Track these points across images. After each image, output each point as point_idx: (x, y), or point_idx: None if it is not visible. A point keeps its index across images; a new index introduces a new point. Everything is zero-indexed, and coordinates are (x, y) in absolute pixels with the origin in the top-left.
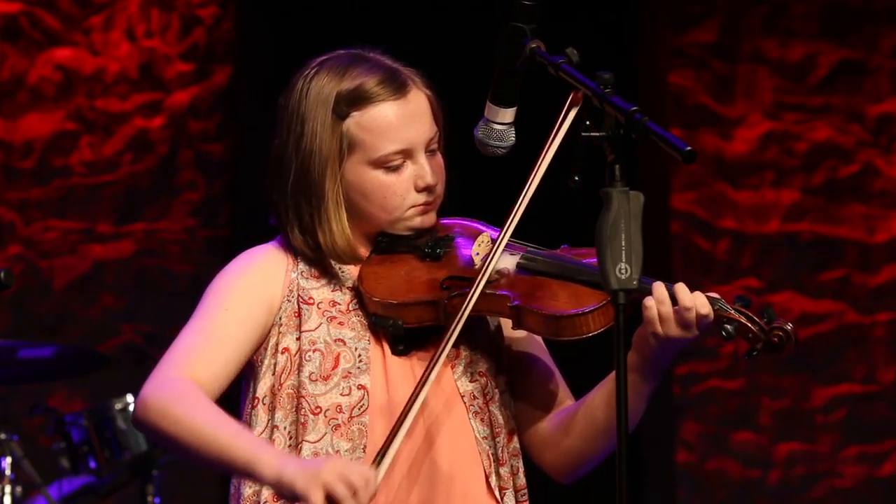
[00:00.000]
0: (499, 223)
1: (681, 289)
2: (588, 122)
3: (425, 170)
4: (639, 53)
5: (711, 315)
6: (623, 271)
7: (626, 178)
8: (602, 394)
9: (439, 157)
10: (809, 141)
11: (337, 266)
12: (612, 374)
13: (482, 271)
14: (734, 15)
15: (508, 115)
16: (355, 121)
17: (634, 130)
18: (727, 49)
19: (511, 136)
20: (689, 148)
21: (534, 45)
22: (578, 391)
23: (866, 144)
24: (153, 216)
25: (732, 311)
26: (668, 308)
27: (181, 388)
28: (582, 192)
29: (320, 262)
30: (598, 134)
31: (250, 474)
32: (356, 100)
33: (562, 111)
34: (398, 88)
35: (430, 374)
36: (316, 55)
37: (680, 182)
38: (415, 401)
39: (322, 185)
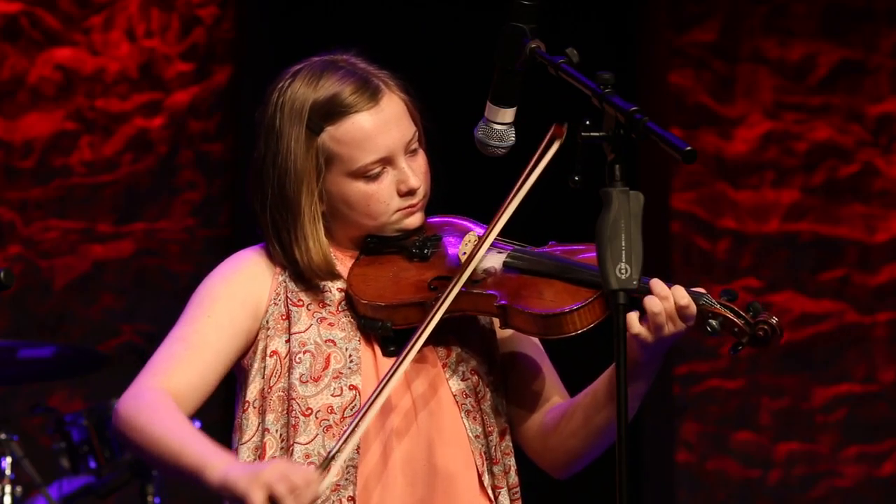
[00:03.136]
0: (489, 222)
1: (655, 283)
2: (588, 122)
3: (406, 174)
4: (639, 53)
5: (692, 306)
6: (623, 271)
7: (626, 178)
8: (596, 392)
9: (421, 156)
10: (809, 141)
11: (319, 282)
12: (607, 373)
13: (462, 270)
14: (734, 15)
15: (508, 115)
16: (330, 135)
17: (634, 130)
18: (727, 49)
19: (511, 136)
20: (689, 148)
21: (534, 45)
22: (574, 389)
23: (866, 144)
24: (153, 216)
25: (717, 306)
26: (663, 317)
27: (150, 397)
28: (574, 191)
29: (301, 276)
30: (598, 134)
31: (198, 480)
32: (329, 113)
33: (542, 144)
34: (371, 96)
35: (393, 374)
36: (315, 55)
37: (680, 182)
38: (371, 404)
39: (298, 203)
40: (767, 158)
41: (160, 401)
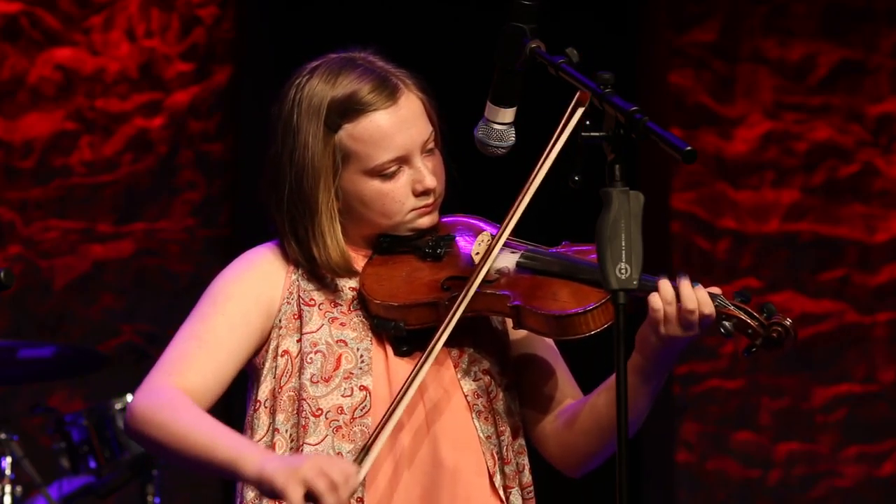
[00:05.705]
0: (500, 221)
1: (684, 286)
2: (588, 122)
3: (422, 173)
4: (639, 53)
5: (714, 314)
6: (623, 271)
7: (626, 178)
8: (607, 392)
9: (437, 156)
10: (809, 141)
11: (332, 281)
12: None
13: (476, 271)
14: (734, 15)
15: (508, 115)
16: (348, 132)
17: (634, 130)
18: (727, 49)
19: (511, 136)
20: (689, 148)
21: (534, 45)
22: (585, 388)
23: (866, 144)
24: (153, 216)
25: (731, 308)
26: (673, 308)
27: (167, 395)
28: (582, 191)
29: (316, 273)
30: (598, 134)
31: (233, 473)
32: (348, 111)
33: (566, 111)
34: (389, 95)
35: (418, 373)
36: (316, 55)
37: (680, 182)
38: (401, 400)
39: (315, 199)
40: (767, 158)
41: (178, 398)
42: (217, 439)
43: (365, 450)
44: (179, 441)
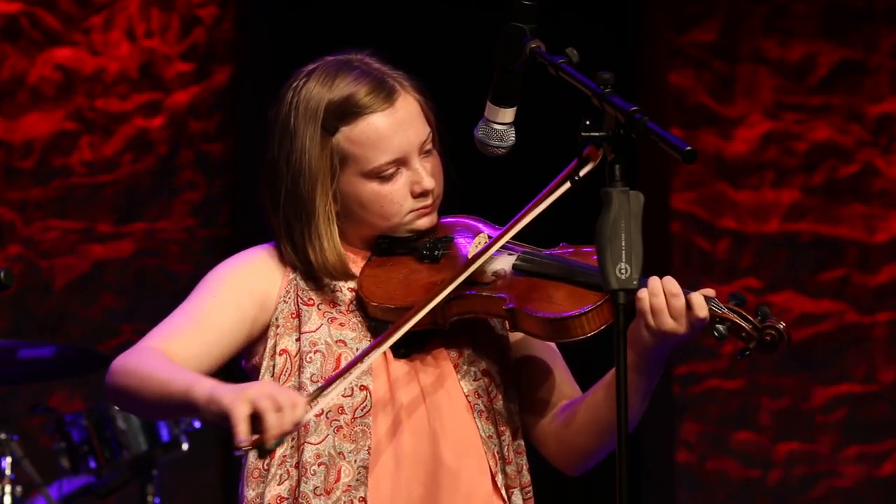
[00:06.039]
0: (498, 221)
1: (668, 280)
2: (588, 122)
3: (420, 175)
4: (639, 53)
5: (707, 317)
6: (623, 271)
7: (626, 178)
8: (603, 390)
9: (436, 157)
10: (809, 141)
11: (330, 282)
12: (613, 371)
13: (462, 269)
14: (734, 15)
15: (508, 115)
16: (345, 135)
17: (634, 130)
18: (727, 49)
19: (511, 136)
20: (689, 148)
21: (534, 45)
22: (582, 388)
23: (866, 144)
24: (153, 216)
25: (725, 311)
26: (660, 300)
27: (143, 349)
28: (582, 191)
29: (313, 276)
30: (598, 134)
31: (186, 401)
32: (345, 114)
33: (572, 163)
34: (386, 97)
35: (378, 346)
36: (316, 55)
37: (680, 182)
38: (366, 356)
39: (312, 203)
40: (767, 158)
41: (153, 350)
42: (175, 374)
43: (319, 391)
44: (142, 382)
